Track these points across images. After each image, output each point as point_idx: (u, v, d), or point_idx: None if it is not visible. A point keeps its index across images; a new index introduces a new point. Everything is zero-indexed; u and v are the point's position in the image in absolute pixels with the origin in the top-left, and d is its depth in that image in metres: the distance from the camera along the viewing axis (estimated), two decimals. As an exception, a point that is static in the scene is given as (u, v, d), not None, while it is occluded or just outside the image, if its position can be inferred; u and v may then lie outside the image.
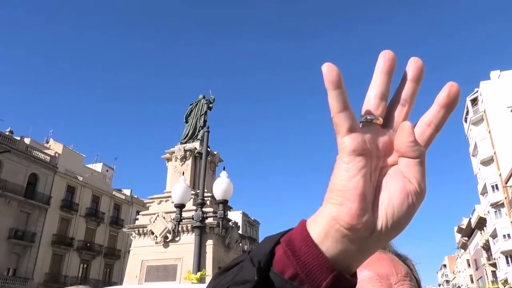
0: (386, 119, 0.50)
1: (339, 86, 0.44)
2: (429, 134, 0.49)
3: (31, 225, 37.40)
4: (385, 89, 0.49)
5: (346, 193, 0.44)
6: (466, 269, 76.32)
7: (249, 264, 0.46)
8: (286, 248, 0.45)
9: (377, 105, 0.49)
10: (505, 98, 46.28)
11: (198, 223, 9.42)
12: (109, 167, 54.58)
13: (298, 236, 0.46)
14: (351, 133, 0.45)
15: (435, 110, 0.48)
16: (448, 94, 0.48)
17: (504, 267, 48.40)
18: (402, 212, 0.45)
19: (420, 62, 0.50)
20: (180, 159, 15.27)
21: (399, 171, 0.47)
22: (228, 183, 9.25)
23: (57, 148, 43.81)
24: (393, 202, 0.45)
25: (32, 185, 38.26)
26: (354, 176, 0.45)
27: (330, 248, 0.45)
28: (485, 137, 50.60)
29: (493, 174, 49.31)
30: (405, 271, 0.86)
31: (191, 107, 17.14)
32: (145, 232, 13.66)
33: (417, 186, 0.46)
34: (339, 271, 0.45)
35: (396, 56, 0.50)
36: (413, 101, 0.51)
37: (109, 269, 45.63)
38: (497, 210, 49.13)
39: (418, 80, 0.50)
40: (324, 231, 0.45)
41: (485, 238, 55.33)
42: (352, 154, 0.45)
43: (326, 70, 0.44)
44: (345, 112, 0.45)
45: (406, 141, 0.46)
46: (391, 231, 0.46)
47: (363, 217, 0.44)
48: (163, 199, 14.42)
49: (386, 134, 0.49)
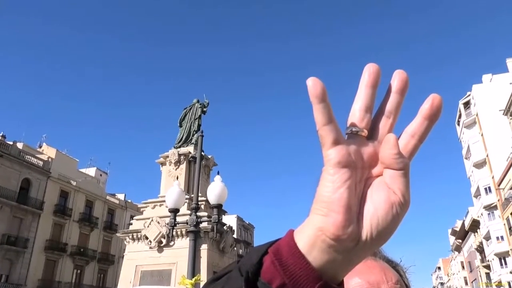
0: (371, 131, 0.51)
1: (323, 100, 0.45)
2: (413, 145, 0.49)
3: (24, 231, 37.07)
4: (369, 102, 0.50)
5: (331, 204, 0.45)
6: (460, 271, 76.59)
7: (237, 274, 0.47)
8: (274, 258, 0.46)
9: (362, 117, 0.49)
10: (497, 102, 46.64)
11: (193, 228, 9.40)
12: (102, 172, 54.31)
13: (285, 246, 0.47)
14: (336, 146, 0.46)
15: (419, 122, 0.49)
16: (431, 106, 0.48)
17: (497, 269, 48.65)
18: (387, 223, 0.46)
19: (404, 74, 0.51)
20: (174, 163, 15.25)
21: (383, 182, 0.48)
22: (222, 187, 9.25)
23: (50, 152, 43.52)
24: (378, 213, 0.46)
25: (25, 190, 37.95)
26: (339, 188, 0.45)
27: (317, 258, 0.46)
28: (478, 140, 51.00)
29: (486, 176, 49.66)
30: (395, 279, 0.88)
31: (185, 111, 17.16)
32: (139, 237, 13.60)
33: (401, 197, 0.47)
34: (325, 280, 0.45)
35: (381, 68, 0.50)
36: (398, 113, 0.51)
37: (103, 274, 45.30)
38: (490, 212, 49.46)
39: (402, 92, 0.51)
40: (310, 242, 0.46)
41: (479, 240, 55.64)
42: (337, 166, 0.46)
43: (311, 85, 0.45)
44: (330, 125, 0.46)
45: (390, 153, 0.47)
46: (376, 242, 0.46)
47: (348, 228, 0.45)
48: (157, 204, 14.38)
49: (371, 145, 0.50)
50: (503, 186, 43.44)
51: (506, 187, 42.46)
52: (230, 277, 0.48)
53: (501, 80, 49.66)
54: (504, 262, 47.20)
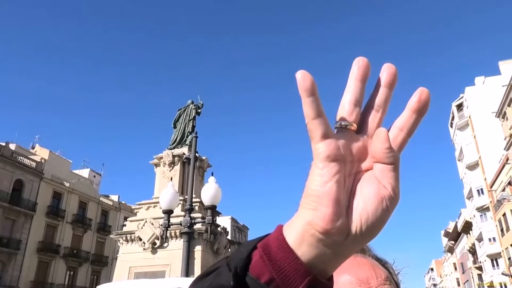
0: (360, 125, 0.51)
1: (313, 93, 0.45)
2: (402, 139, 0.50)
3: (16, 232, 36.79)
4: (359, 95, 0.50)
5: (320, 198, 0.45)
6: (453, 272, 76.99)
7: (225, 269, 0.47)
8: (263, 253, 0.46)
9: (351, 111, 0.49)
10: (489, 104, 47.09)
11: (187, 229, 9.40)
12: (96, 173, 54.03)
13: (274, 241, 0.47)
14: (325, 140, 0.46)
15: (407, 115, 0.50)
16: (419, 99, 0.49)
17: (489, 270, 49.02)
18: (376, 217, 0.46)
19: (393, 68, 0.51)
20: (168, 164, 15.24)
21: (373, 176, 0.48)
22: (217, 189, 9.27)
23: (43, 153, 43.24)
24: (368, 207, 0.46)
25: (17, 191, 37.68)
26: (328, 182, 0.45)
27: (306, 253, 0.46)
28: (471, 142, 51.37)
29: (479, 178, 50.04)
30: (385, 275, 0.89)
31: (179, 112, 17.16)
32: (133, 238, 13.58)
33: (391, 191, 0.47)
34: (314, 275, 0.45)
35: (370, 63, 0.50)
36: (387, 107, 0.52)
37: (96, 276, 45.05)
38: (482, 214, 49.83)
39: (391, 86, 0.51)
40: (299, 236, 0.46)
41: (471, 242, 56.02)
42: (326, 160, 0.46)
43: (300, 78, 0.45)
44: (319, 118, 0.46)
45: (381, 148, 0.47)
46: (366, 236, 0.46)
47: (337, 222, 0.45)
48: (151, 205, 14.37)
49: (361, 139, 0.50)
50: (495, 188, 43.83)
51: (498, 189, 42.84)
52: (219, 272, 0.48)
53: (494, 82, 50.08)
54: (496, 264, 47.57)
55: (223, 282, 0.46)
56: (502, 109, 41.00)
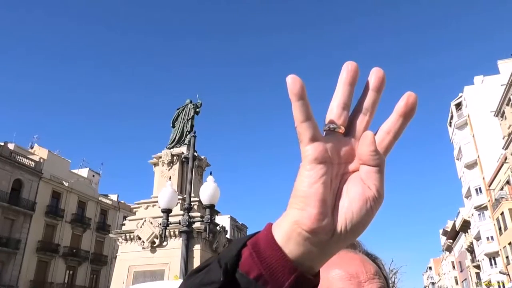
0: (348, 128, 0.52)
1: (302, 97, 0.46)
2: (389, 142, 0.51)
3: (16, 232, 36.83)
4: (347, 99, 0.51)
5: (307, 199, 0.47)
6: (451, 271, 77.17)
7: (216, 265, 0.48)
8: (252, 250, 0.48)
9: (339, 114, 0.51)
10: (488, 103, 47.15)
11: (185, 228, 9.47)
12: (95, 172, 54.06)
13: (263, 239, 0.49)
14: (313, 142, 0.48)
15: (394, 119, 0.51)
16: (406, 103, 0.50)
17: (487, 268, 49.15)
18: (361, 217, 0.48)
19: (381, 72, 0.52)
20: (167, 163, 15.28)
21: (359, 178, 0.49)
22: (215, 188, 9.33)
23: (42, 153, 43.26)
24: (352, 207, 0.48)
25: (16, 191, 37.71)
26: (315, 183, 0.47)
27: (293, 250, 0.48)
28: (469, 141, 51.47)
29: (477, 177, 50.14)
30: (374, 270, 0.92)
31: (178, 111, 17.19)
32: (132, 237, 13.63)
33: (375, 192, 0.48)
34: (301, 271, 0.47)
35: (359, 68, 0.52)
36: (374, 110, 0.53)
37: (95, 275, 45.12)
38: (480, 213, 49.95)
39: (379, 90, 0.52)
40: (287, 235, 0.48)
41: (469, 241, 56.17)
42: (314, 162, 0.48)
43: (290, 82, 0.46)
44: (308, 122, 0.47)
45: (367, 150, 0.48)
46: (350, 234, 0.48)
47: (323, 222, 0.47)
48: (150, 204, 14.42)
49: (348, 142, 0.51)
50: (493, 187, 43.95)
51: (496, 188, 42.97)
52: (210, 269, 0.49)
53: (493, 81, 50.11)
54: (494, 262, 47.69)
55: (213, 278, 0.48)
56: (500, 108, 41.08)
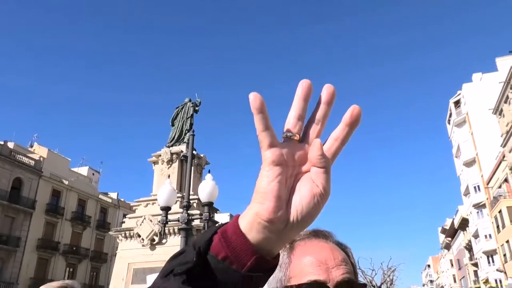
0: (303, 135, 0.62)
1: (262, 111, 0.57)
2: (336, 147, 0.62)
3: (16, 230, 37.01)
4: (302, 111, 0.61)
5: (265, 194, 0.57)
6: (449, 269, 77.39)
7: (191, 249, 0.59)
8: (221, 236, 0.59)
9: (295, 124, 0.61)
10: (486, 101, 47.20)
11: (184, 225, 9.56)
12: (95, 171, 54.21)
13: (231, 227, 0.60)
14: (271, 148, 0.58)
15: (341, 128, 0.61)
16: (351, 115, 0.60)
17: (485, 266, 49.31)
18: (309, 210, 0.58)
19: (332, 88, 0.62)
20: (166, 162, 15.40)
21: (310, 177, 0.60)
22: (213, 186, 9.45)
23: (41, 152, 43.40)
24: (303, 201, 0.58)
25: (16, 189, 37.87)
26: (272, 181, 0.57)
27: (255, 237, 0.58)
28: (468, 139, 51.51)
29: (475, 175, 50.15)
30: (342, 257, 1.02)
31: (177, 110, 17.29)
32: (132, 235, 13.76)
33: (322, 189, 0.58)
34: (261, 254, 0.58)
35: (312, 83, 0.62)
36: (326, 121, 0.63)
37: (95, 272, 45.35)
38: (479, 211, 50.00)
39: (329, 104, 0.62)
40: (249, 224, 0.59)
41: (468, 239, 56.26)
42: (271, 164, 0.58)
43: (252, 99, 0.56)
44: (267, 131, 0.58)
45: (316, 155, 0.59)
46: (301, 224, 0.59)
47: (278, 213, 0.57)
48: (150, 202, 14.53)
49: (302, 147, 0.61)
50: (491, 185, 44.12)
51: (494, 185, 43.12)
52: (186, 252, 0.60)
53: (491, 79, 50.19)
54: (492, 260, 47.81)
55: (188, 258, 0.58)
56: (499, 106, 41.15)
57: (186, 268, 0.58)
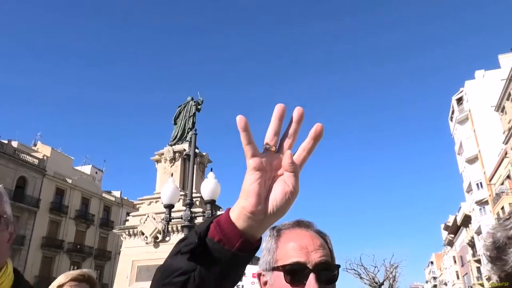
0: (278, 147, 0.79)
1: (246, 130, 0.74)
2: (304, 156, 0.79)
3: (20, 228, 37.20)
4: (277, 128, 0.78)
5: (249, 193, 0.75)
6: (452, 265, 77.25)
7: (193, 233, 0.79)
8: (216, 225, 0.78)
9: (272, 138, 0.78)
10: (489, 98, 47.02)
11: (187, 223, 9.69)
12: (98, 169, 54.47)
13: (223, 217, 0.78)
14: (253, 157, 0.75)
15: (308, 141, 0.79)
16: (315, 131, 0.78)
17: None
18: (282, 204, 0.76)
19: (301, 110, 0.78)
20: (169, 160, 15.53)
21: (283, 179, 0.77)
22: (215, 184, 9.57)
23: (45, 151, 43.66)
24: (277, 198, 0.76)
25: (20, 188, 38.12)
26: (254, 183, 0.75)
27: (242, 224, 0.76)
28: (470, 136, 51.36)
29: (478, 172, 50.06)
30: (320, 243, 1.23)
31: (180, 109, 17.38)
32: (136, 233, 13.90)
33: (292, 188, 0.76)
34: (246, 238, 0.76)
35: (286, 106, 0.79)
36: (296, 135, 0.79)
37: (99, 270, 45.57)
38: (481, 208, 49.91)
39: (299, 122, 0.78)
40: (237, 215, 0.77)
41: (470, 235, 56.22)
42: (253, 170, 0.75)
43: (238, 120, 0.73)
44: (250, 145, 0.75)
45: (287, 162, 0.76)
46: (276, 215, 0.77)
47: (258, 207, 0.75)
48: (153, 200, 14.66)
49: (278, 157, 0.78)
50: (494, 182, 44.05)
51: (497, 182, 43.07)
52: (190, 236, 0.80)
53: (493, 76, 49.95)
54: (495, 256, 47.82)
55: (191, 241, 0.77)
56: (501, 103, 41.07)
57: (190, 248, 0.76)
